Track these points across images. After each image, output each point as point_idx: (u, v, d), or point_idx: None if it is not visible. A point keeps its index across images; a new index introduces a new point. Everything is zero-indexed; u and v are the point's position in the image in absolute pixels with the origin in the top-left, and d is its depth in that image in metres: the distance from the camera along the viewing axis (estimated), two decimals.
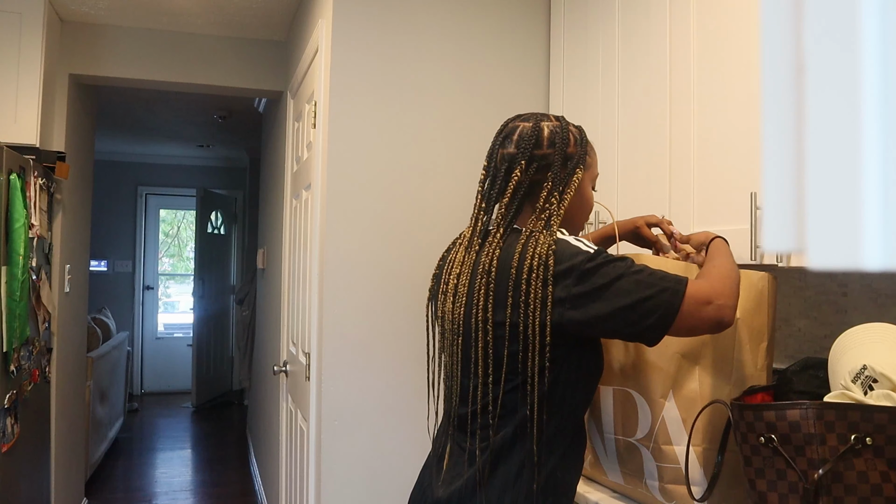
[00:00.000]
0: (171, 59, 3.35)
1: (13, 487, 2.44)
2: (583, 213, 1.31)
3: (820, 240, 0.26)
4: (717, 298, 1.10)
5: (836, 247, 0.25)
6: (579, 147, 1.27)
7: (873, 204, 0.25)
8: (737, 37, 1.44)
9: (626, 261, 1.13)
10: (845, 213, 0.25)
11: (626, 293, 1.09)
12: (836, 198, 0.26)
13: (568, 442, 1.21)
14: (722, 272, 1.16)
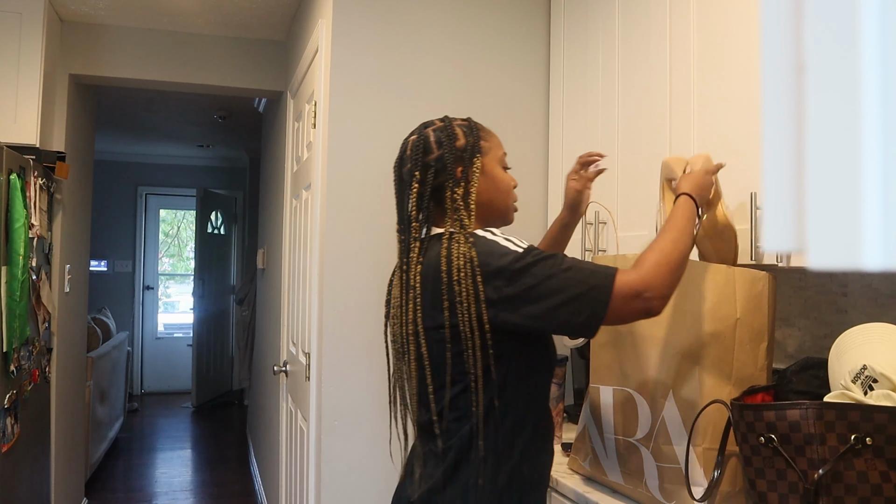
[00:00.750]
0: (171, 59, 3.35)
1: (13, 487, 2.44)
2: (500, 195, 1.31)
3: (820, 240, 0.26)
4: (645, 291, 1.11)
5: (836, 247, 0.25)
6: (469, 137, 1.29)
7: (873, 204, 0.25)
8: (737, 37, 1.44)
9: (555, 258, 1.14)
10: (845, 213, 0.25)
11: (556, 292, 1.11)
12: (836, 198, 0.26)
13: (529, 435, 1.22)
14: (661, 254, 1.14)
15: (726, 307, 1.30)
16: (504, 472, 1.19)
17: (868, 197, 0.25)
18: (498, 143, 1.34)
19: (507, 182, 1.32)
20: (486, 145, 1.31)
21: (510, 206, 1.33)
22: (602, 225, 1.90)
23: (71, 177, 3.30)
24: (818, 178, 0.26)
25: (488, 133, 1.33)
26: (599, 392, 1.41)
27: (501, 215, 1.33)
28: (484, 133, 1.32)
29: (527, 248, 1.16)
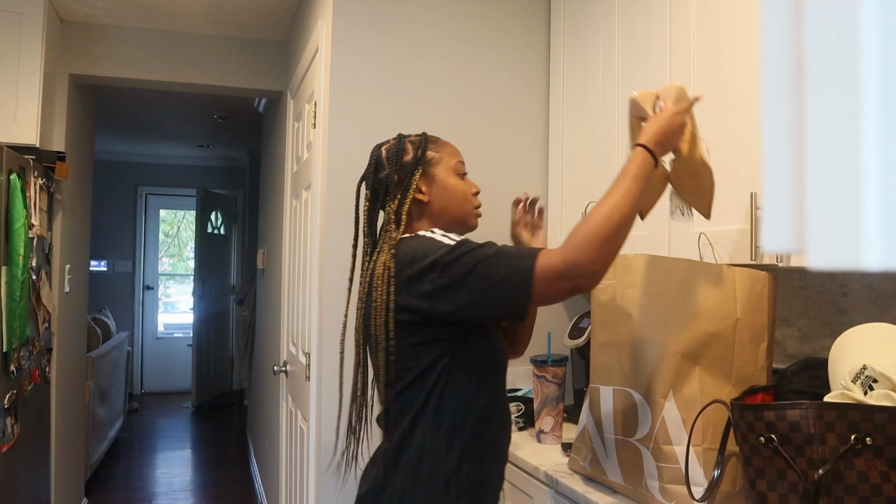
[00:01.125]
0: (171, 59, 3.35)
1: (13, 487, 2.44)
2: (455, 202, 1.36)
3: (820, 240, 0.26)
4: (569, 272, 1.10)
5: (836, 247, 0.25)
6: (417, 151, 1.36)
7: (873, 204, 0.25)
8: (737, 36, 1.44)
9: (484, 246, 1.17)
10: (845, 213, 0.25)
11: (484, 279, 1.14)
12: (836, 198, 0.26)
13: (469, 435, 1.23)
14: (591, 226, 1.10)
15: (726, 307, 1.30)
16: (441, 473, 1.21)
17: (868, 197, 0.25)
18: (451, 152, 1.38)
19: (461, 189, 1.36)
20: (434, 156, 1.37)
21: (468, 211, 1.37)
22: None
23: (71, 177, 3.30)
24: (818, 178, 0.26)
25: (440, 144, 1.38)
26: (599, 392, 1.41)
27: (459, 221, 1.37)
28: (434, 145, 1.38)
29: (460, 240, 1.21)
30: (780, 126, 0.28)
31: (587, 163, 2.02)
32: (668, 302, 1.30)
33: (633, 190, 1.14)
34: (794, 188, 0.28)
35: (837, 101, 0.26)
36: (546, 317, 2.25)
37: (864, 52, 0.25)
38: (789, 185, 0.28)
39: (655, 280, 1.31)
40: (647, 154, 1.17)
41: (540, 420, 1.80)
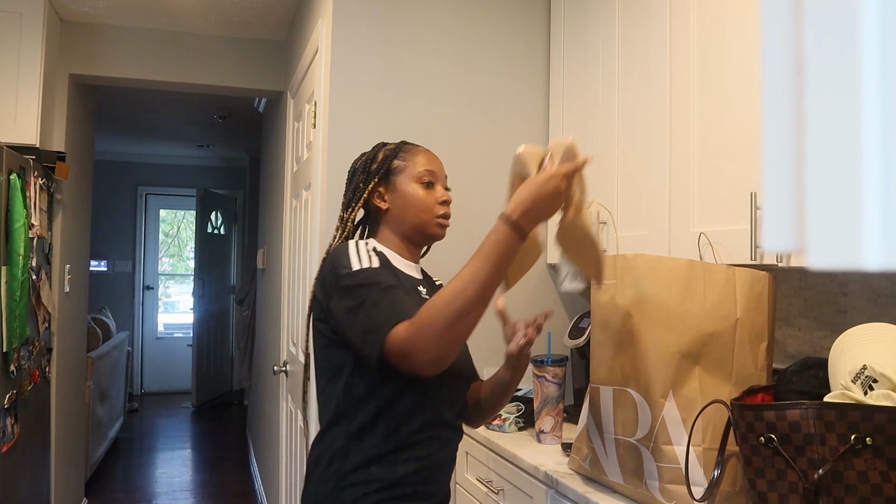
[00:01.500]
0: (171, 59, 3.35)
1: (13, 487, 2.44)
2: (412, 212, 1.35)
3: (820, 240, 0.26)
4: (411, 352, 1.08)
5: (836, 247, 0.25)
6: (384, 160, 1.38)
7: (873, 204, 0.25)
8: (737, 36, 1.44)
9: (373, 287, 1.17)
10: (845, 213, 0.25)
11: (357, 322, 1.15)
12: (836, 198, 0.26)
13: (381, 440, 1.22)
14: (436, 309, 1.07)
15: (726, 307, 1.30)
16: (349, 472, 1.22)
17: (868, 197, 0.25)
18: (421, 161, 1.37)
19: (419, 198, 1.35)
20: (399, 165, 1.37)
21: (427, 221, 1.35)
22: (602, 225, 1.90)
23: (71, 177, 3.30)
24: (818, 178, 0.26)
25: (412, 153, 1.39)
26: (599, 392, 1.41)
27: (417, 230, 1.36)
28: (405, 154, 1.38)
29: (361, 268, 1.20)
30: (780, 126, 0.28)
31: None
32: (668, 302, 1.30)
33: (482, 271, 1.08)
34: (794, 188, 0.28)
35: (837, 101, 0.26)
36: None
37: (864, 52, 0.25)
38: (789, 185, 0.28)
39: (655, 280, 1.31)
40: (507, 228, 1.09)
41: (540, 420, 1.80)
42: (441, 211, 1.37)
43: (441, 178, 1.40)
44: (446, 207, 1.38)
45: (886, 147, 0.25)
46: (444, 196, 1.38)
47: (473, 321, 1.09)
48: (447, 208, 1.38)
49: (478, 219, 2.21)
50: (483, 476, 1.88)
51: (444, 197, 1.38)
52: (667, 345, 1.29)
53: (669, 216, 1.62)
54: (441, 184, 1.39)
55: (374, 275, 1.19)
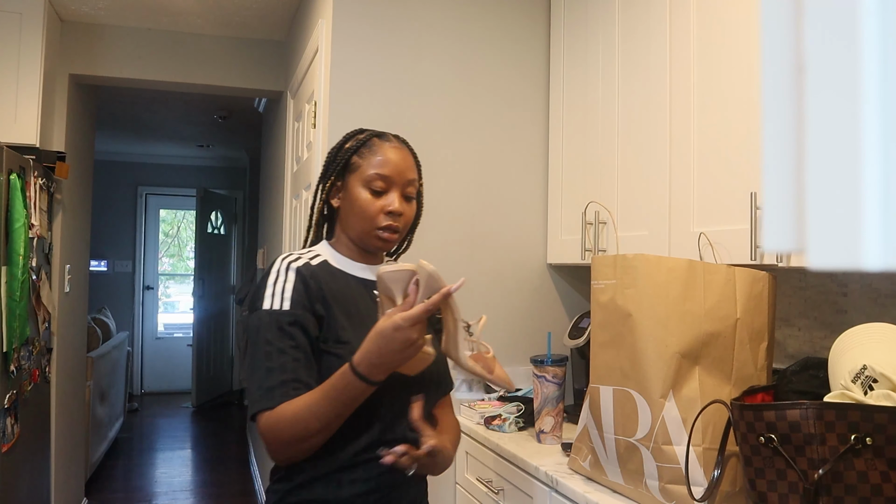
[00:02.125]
0: (171, 59, 3.35)
1: (13, 487, 2.44)
2: (354, 218, 1.26)
3: (820, 240, 0.26)
4: (267, 442, 1.13)
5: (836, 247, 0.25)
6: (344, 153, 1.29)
7: (873, 204, 0.25)
8: (737, 36, 1.44)
9: (260, 346, 1.15)
10: (845, 213, 0.25)
11: (245, 368, 1.19)
12: (836, 198, 0.25)
13: (325, 458, 1.17)
14: (279, 424, 1.11)
15: (726, 307, 1.30)
16: (293, 491, 1.20)
17: (868, 197, 0.25)
18: (376, 162, 1.25)
19: (362, 205, 1.24)
20: (356, 162, 1.27)
21: (366, 231, 1.25)
22: (602, 225, 1.90)
23: (71, 177, 3.30)
24: (818, 178, 0.26)
25: (372, 151, 1.27)
26: (599, 392, 1.41)
27: (358, 238, 1.28)
28: (366, 149, 1.28)
29: (267, 310, 1.17)
30: (780, 126, 0.28)
31: (587, 163, 2.02)
32: (668, 302, 1.30)
33: (324, 409, 1.09)
34: (795, 188, 0.28)
35: (837, 101, 0.26)
36: (546, 317, 2.25)
37: (864, 52, 0.25)
38: (789, 185, 0.28)
39: (655, 280, 1.31)
40: (353, 377, 1.08)
41: (540, 420, 1.80)
42: (383, 222, 1.25)
43: (398, 184, 1.26)
44: (391, 219, 1.25)
45: (886, 147, 0.25)
46: (391, 206, 1.24)
47: (320, 442, 1.12)
48: (392, 220, 1.25)
49: (478, 219, 2.21)
50: (483, 476, 1.88)
51: (390, 206, 1.24)
52: (667, 345, 1.29)
53: (669, 216, 1.62)
54: (397, 190, 1.26)
55: (268, 327, 1.15)
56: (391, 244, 1.28)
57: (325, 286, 1.21)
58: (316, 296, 1.20)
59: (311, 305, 1.19)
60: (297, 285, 1.19)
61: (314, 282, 1.21)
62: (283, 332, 1.15)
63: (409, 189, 1.28)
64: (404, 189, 1.27)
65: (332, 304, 1.21)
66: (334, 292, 1.22)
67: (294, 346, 1.15)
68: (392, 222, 1.25)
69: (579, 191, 2.06)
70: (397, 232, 1.26)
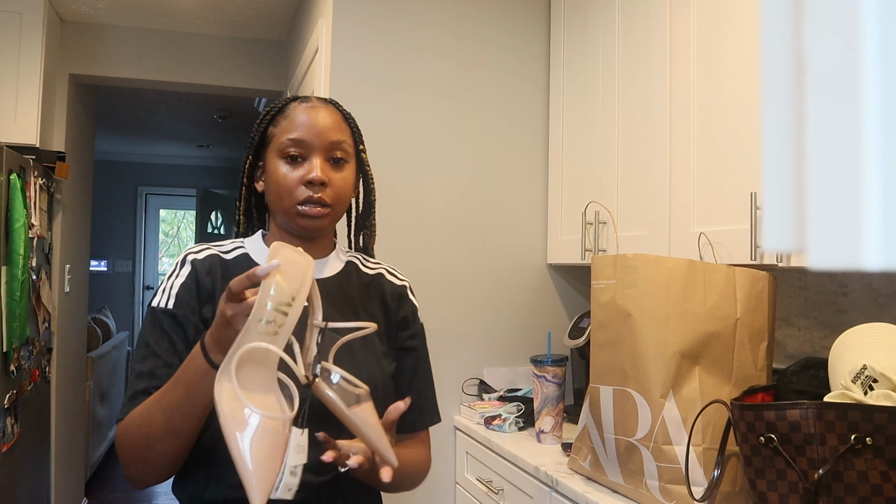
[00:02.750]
0: (171, 59, 3.35)
1: (13, 487, 2.44)
2: (275, 196, 1.06)
3: (820, 240, 0.26)
4: (119, 454, 0.97)
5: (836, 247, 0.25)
6: (258, 124, 1.12)
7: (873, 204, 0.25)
8: (737, 36, 1.44)
9: (140, 348, 1.01)
10: (845, 213, 0.25)
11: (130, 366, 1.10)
12: (836, 198, 0.25)
13: (194, 463, 1.01)
14: (131, 426, 0.95)
15: (726, 307, 1.30)
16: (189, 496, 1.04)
17: (868, 197, 0.25)
18: (288, 125, 1.07)
19: (277, 178, 1.05)
20: (271, 132, 1.09)
21: (287, 209, 1.05)
22: (602, 225, 1.90)
23: (71, 177, 3.30)
24: (818, 178, 0.26)
25: (287, 113, 1.08)
26: (599, 392, 1.41)
27: (284, 222, 1.09)
28: (281, 116, 1.09)
29: (153, 307, 1.03)
30: (780, 126, 0.28)
31: (587, 163, 2.02)
32: (668, 302, 1.30)
33: (167, 395, 0.92)
34: (795, 188, 0.28)
35: (837, 101, 0.26)
36: (546, 317, 2.25)
37: (865, 51, 0.25)
38: (789, 185, 0.28)
39: (655, 280, 1.31)
40: (198, 349, 0.91)
41: (540, 420, 1.80)
42: (303, 195, 1.04)
43: (319, 148, 1.05)
44: (312, 190, 1.03)
45: (886, 147, 0.25)
46: (309, 174, 1.03)
47: (167, 450, 0.93)
48: (314, 191, 1.03)
49: (478, 219, 2.21)
50: (483, 476, 1.88)
51: (309, 175, 1.03)
52: (667, 345, 1.29)
53: (669, 216, 1.62)
54: (318, 155, 1.05)
55: (151, 328, 1.01)
56: (320, 222, 1.05)
57: (225, 284, 1.01)
58: (207, 295, 1.04)
59: (197, 306, 1.03)
60: (186, 281, 1.04)
61: (210, 278, 1.05)
62: (163, 333, 1.01)
63: (336, 152, 1.07)
64: (328, 153, 1.06)
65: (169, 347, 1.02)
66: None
67: (170, 349, 1.00)
68: (313, 193, 1.03)
69: (579, 191, 2.06)
70: (325, 205, 1.04)
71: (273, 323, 0.83)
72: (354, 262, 1.19)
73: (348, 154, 1.10)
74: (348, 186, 1.10)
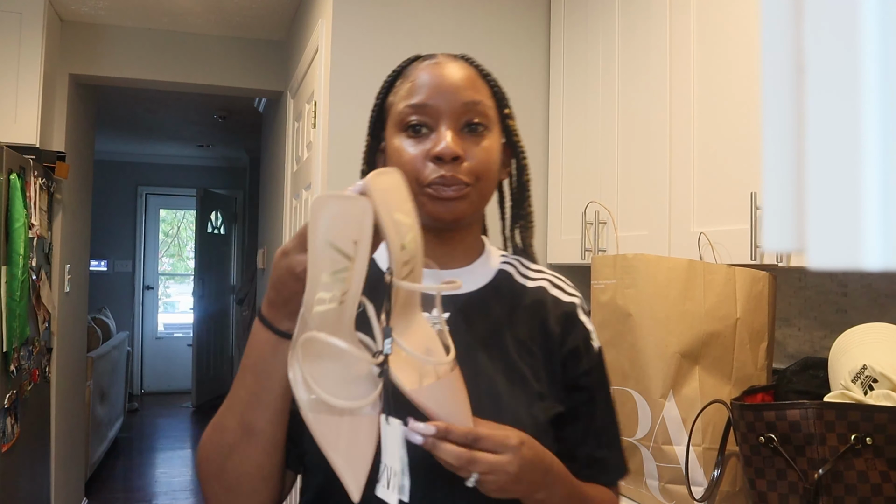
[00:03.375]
0: (171, 59, 3.35)
1: (13, 487, 2.44)
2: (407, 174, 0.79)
3: (820, 240, 0.26)
4: (200, 482, 0.78)
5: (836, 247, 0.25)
6: (379, 95, 0.91)
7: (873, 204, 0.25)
8: (737, 36, 1.44)
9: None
10: (845, 213, 0.25)
11: None
12: (836, 198, 0.25)
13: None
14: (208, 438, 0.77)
15: (726, 307, 1.30)
16: None
17: (868, 197, 0.25)
18: (409, 88, 0.84)
19: (400, 156, 0.82)
20: (390, 102, 0.88)
21: (414, 192, 0.77)
22: (602, 225, 1.90)
23: (71, 177, 3.30)
24: (818, 178, 0.26)
25: (406, 76, 0.86)
26: None
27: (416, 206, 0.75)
28: (399, 80, 0.87)
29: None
30: (780, 126, 0.28)
31: (587, 163, 2.02)
32: (668, 302, 1.30)
33: (235, 389, 0.75)
34: (795, 188, 0.28)
35: (838, 101, 0.26)
36: None
37: (865, 51, 0.25)
38: (789, 185, 0.28)
39: (655, 280, 1.31)
40: (258, 323, 0.73)
41: None
42: (430, 175, 0.79)
43: (448, 113, 0.81)
44: (441, 167, 0.79)
45: (887, 147, 0.25)
46: (437, 146, 0.79)
47: (247, 461, 0.73)
48: (445, 168, 0.79)
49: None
50: None
51: (437, 148, 0.79)
52: (667, 345, 1.29)
53: (669, 216, 1.62)
54: (448, 122, 0.81)
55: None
56: (456, 206, 0.80)
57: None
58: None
59: None
60: None
61: None
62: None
63: (473, 117, 0.82)
64: (461, 119, 0.82)
65: None
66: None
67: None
68: (445, 172, 0.79)
69: (579, 191, 2.06)
70: (461, 184, 0.80)
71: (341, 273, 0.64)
72: (509, 269, 0.92)
73: (489, 119, 0.85)
74: (492, 160, 0.84)
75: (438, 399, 0.69)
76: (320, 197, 0.65)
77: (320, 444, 0.66)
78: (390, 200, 0.67)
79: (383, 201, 0.66)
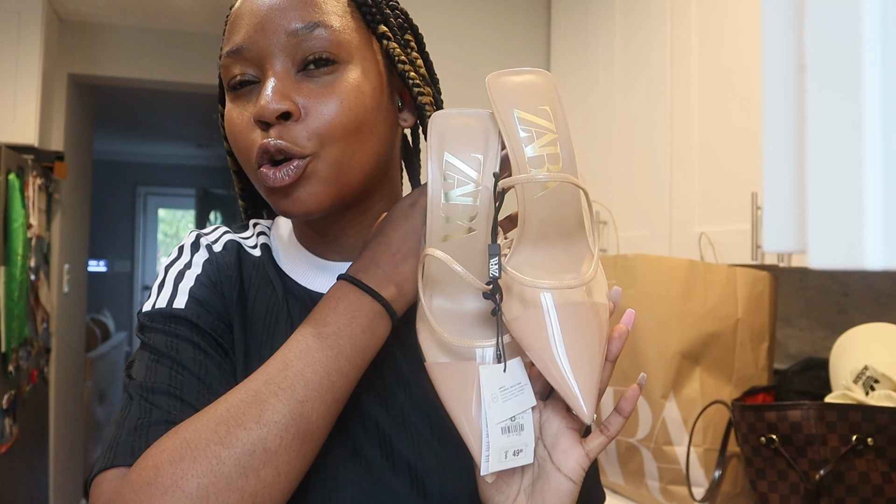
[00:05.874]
0: (171, 59, 3.35)
1: (12, 488, 2.43)
2: (236, 152, 0.62)
3: (821, 240, 0.26)
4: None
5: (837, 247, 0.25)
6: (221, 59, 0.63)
7: (874, 204, 0.24)
8: (737, 36, 1.44)
9: (144, 356, 0.58)
10: (846, 213, 0.25)
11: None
12: (837, 198, 0.25)
13: None
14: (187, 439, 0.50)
15: (727, 307, 1.30)
16: None
17: (869, 197, 0.24)
18: (230, 32, 0.61)
19: (228, 126, 0.62)
20: (221, 62, 0.62)
21: (249, 173, 0.62)
22: (602, 225, 1.90)
23: (70, 176, 3.30)
24: (819, 178, 0.26)
25: (232, 14, 0.61)
26: None
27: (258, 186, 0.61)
28: (227, 26, 0.62)
29: (147, 311, 0.61)
30: (781, 126, 0.28)
31: (587, 163, 2.02)
32: (669, 302, 1.30)
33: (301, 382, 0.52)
34: (795, 188, 0.27)
35: (838, 101, 0.25)
36: None
37: (865, 51, 0.25)
38: (790, 185, 0.28)
39: (656, 280, 1.31)
40: (353, 290, 0.58)
41: None
42: (257, 147, 0.58)
43: (271, 52, 0.58)
44: (265, 135, 0.57)
45: (887, 146, 0.24)
46: (258, 110, 0.56)
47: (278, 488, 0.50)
48: (272, 134, 0.57)
49: None
50: None
51: (258, 112, 0.56)
52: (667, 345, 1.28)
53: (670, 216, 1.62)
54: (275, 68, 0.58)
55: (155, 338, 0.59)
56: (301, 195, 0.58)
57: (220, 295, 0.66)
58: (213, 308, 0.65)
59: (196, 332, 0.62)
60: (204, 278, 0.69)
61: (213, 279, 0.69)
62: (177, 347, 0.62)
63: (309, 49, 0.58)
64: (294, 56, 0.58)
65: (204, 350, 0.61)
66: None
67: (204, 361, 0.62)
68: (271, 140, 0.56)
69: None
70: (297, 157, 0.57)
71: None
72: None
73: (342, 47, 0.59)
74: (351, 108, 0.59)
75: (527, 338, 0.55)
76: (440, 113, 0.55)
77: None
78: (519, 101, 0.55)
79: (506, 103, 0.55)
